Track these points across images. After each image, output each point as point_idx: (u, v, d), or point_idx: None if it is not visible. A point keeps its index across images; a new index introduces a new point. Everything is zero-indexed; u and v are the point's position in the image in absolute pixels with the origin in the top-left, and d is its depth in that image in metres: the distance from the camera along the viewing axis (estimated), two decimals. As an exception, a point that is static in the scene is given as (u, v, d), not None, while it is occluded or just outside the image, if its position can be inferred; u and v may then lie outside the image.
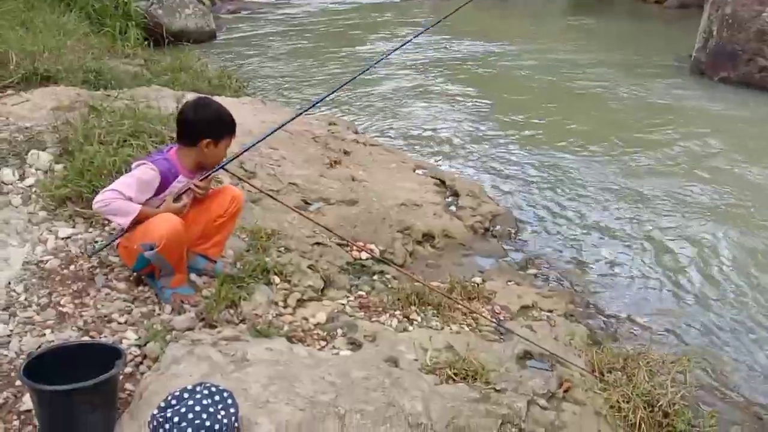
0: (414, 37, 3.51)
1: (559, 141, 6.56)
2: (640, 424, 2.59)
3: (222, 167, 2.85)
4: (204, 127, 2.75)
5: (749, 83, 8.46)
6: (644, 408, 2.63)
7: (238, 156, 2.93)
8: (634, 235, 4.60)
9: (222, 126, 2.78)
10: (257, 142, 3.06)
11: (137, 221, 2.65)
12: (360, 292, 3.41)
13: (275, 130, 3.00)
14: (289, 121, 3.18)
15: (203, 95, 3.46)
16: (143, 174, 2.68)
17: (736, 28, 8.68)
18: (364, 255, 3.78)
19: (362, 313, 3.16)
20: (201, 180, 2.77)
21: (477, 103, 8.08)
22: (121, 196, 2.61)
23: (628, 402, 2.65)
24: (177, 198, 2.75)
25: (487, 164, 5.99)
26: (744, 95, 8.18)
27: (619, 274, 4.11)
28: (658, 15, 15.70)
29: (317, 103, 3.26)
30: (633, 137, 6.67)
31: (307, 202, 4.21)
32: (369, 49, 12.25)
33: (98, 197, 2.63)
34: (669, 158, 6.06)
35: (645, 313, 3.67)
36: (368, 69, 3.26)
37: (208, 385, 2.07)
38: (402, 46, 3.49)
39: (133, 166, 2.79)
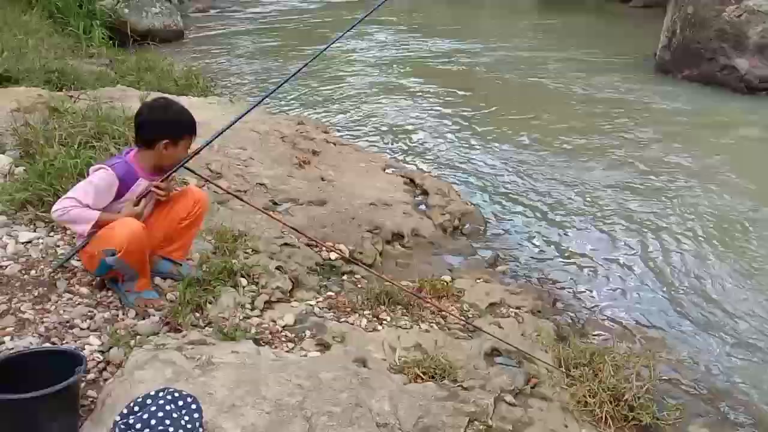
0: (361, 19, 3.47)
1: (525, 138, 6.64)
2: (606, 419, 2.62)
3: (181, 166, 2.80)
4: (160, 127, 2.69)
5: (712, 81, 8.64)
6: (610, 402, 2.67)
7: (196, 153, 2.87)
8: (600, 230, 4.67)
9: (180, 126, 2.72)
10: (214, 137, 2.98)
11: (98, 226, 2.61)
12: (329, 293, 3.40)
13: (233, 123, 2.95)
14: (246, 113, 3.15)
15: (161, 95, 3.40)
16: (101, 179, 2.64)
17: (698, 27, 8.86)
18: (333, 255, 3.77)
19: (331, 314, 3.15)
20: (161, 181, 2.73)
21: (443, 101, 8.12)
22: (79, 203, 2.56)
23: (594, 397, 2.68)
24: (137, 201, 2.71)
25: (455, 162, 6.03)
26: (705, 92, 8.36)
27: (586, 269, 4.16)
28: (624, 14, 15.95)
29: (272, 92, 3.21)
30: (596, 134, 6.79)
31: (275, 203, 4.19)
32: (336, 47, 12.21)
33: (56, 205, 2.59)
34: (632, 154, 6.16)
35: (611, 307, 3.72)
36: (317, 55, 3.28)
37: (171, 390, 2.04)
38: (350, 29, 3.51)
39: (90, 171, 2.74)
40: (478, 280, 3.83)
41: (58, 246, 3.15)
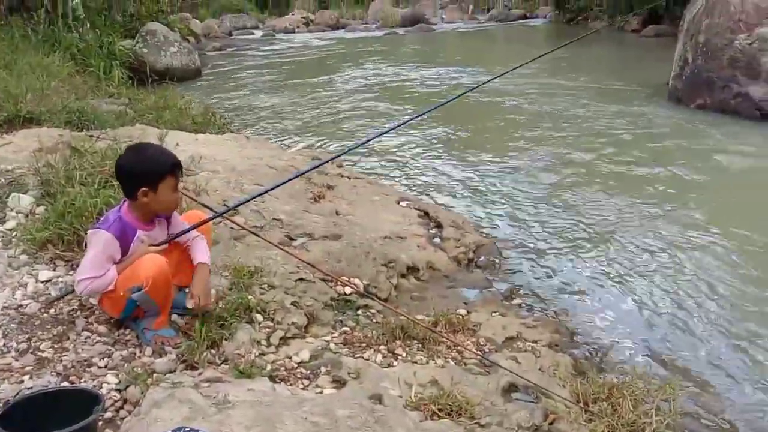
0: (413, 118, 3.56)
1: (539, 169, 6.65)
2: (625, 455, 2.58)
3: (195, 227, 2.89)
4: (134, 178, 2.67)
5: (725, 109, 8.64)
6: (630, 438, 2.62)
7: (237, 206, 2.93)
8: (618, 262, 4.62)
9: (153, 172, 2.65)
10: (267, 191, 3.04)
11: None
12: (344, 328, 3.40)
13: (292, 179, 3.01)
14: (312, 169, 3.21)
15: (136, 142, 3.42)
16: (104, 244, 2.67)
17: (710, 55, 8.89)
18: (348, 290, 3.78)
19: (346, 350, 3.14)
20: (165, 243, 2.80)
21: (456, 132, 8.19)
22: (96, 277, 2.65)
23: (613, 432, 2.64)
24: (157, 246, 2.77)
25: (469, 194, 6.05)
26: (719, 121, 8.35)
27: (604, 301, 4.12)
28: (635, 43, 16.08)
29: (350, 150, 3.31)
30: (611, 164, 6.78)
31: (291, 238, 4.21)
32: (348, 77, 12.44)
33: (76, 289, 2.72)
34: (649, 184, 6.14)
35: (630, 340, 3.67)
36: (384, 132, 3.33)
37: (187, 429, 2.05)
38: (407, 122, 3.58)
39: (89, 234, 2.77)
40: (494, 314, 3.80)
41: (78, 284, 3.19)
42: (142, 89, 9.06)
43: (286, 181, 3.05)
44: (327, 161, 4.54)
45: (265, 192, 2.94)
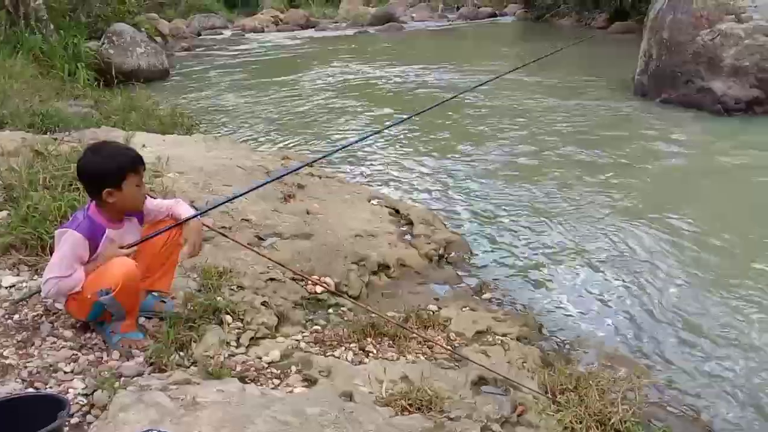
0: (398, 122, 3.57)
1: (507, 165, 6.73)
2: (593, 444, 2.62)
3: (175, 226, 2.84)
4: (94, 178, 2.64)
5: (689, 104, 8.81)
6: (596, 427, 2.67)
7: (206, 211, 2.89)
8: (584, 257, 4.70)
9: (114, 169, 2.61)
10: (238, 196, 3.01)
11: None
12: (315, 327, 3.41)
13: (269, 182, 3.00)
14: (292, 171, 3.19)
15: (94, 142, 3.36)
16: (72, 244, 2.63)
17: (674, 51, 9.06)
18: (319, 289, 3.78)
19: (317, 348, 3.15)
20: (129, 247, 2.74)
21: (424, 131, 8.23)
22: (62, 277, 2.61)
23: (580, 422, 2.68)
24: (127, 248, 2.73)
25: (439, 191, 6.09)
26: (682, 115, 8.52)
27: (572, 295, 4.18)
28: (602, 40, 16.30)
29: (328, 155, 3.30)
30: (578, 159, 6.88)
31: (260, 238, 4.20)
32: (317, 76, 12.43)
33: (43, 289, 2.67)
34: (615, 178, 6.25)
35: (597, 332, 3.74)
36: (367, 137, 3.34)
37: (154, 431, 2.03)
38: (394, 125, 3.60)
39: (57, 235, 2.71)
40: (464, 309, 3.84)
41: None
42: (109, 91, 8.93)
43: (262, 185, 3.03)
44: (304, 165, 4.53)
45: (250, 191, 2.93)
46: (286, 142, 7.93)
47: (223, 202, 3.55)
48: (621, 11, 19.03)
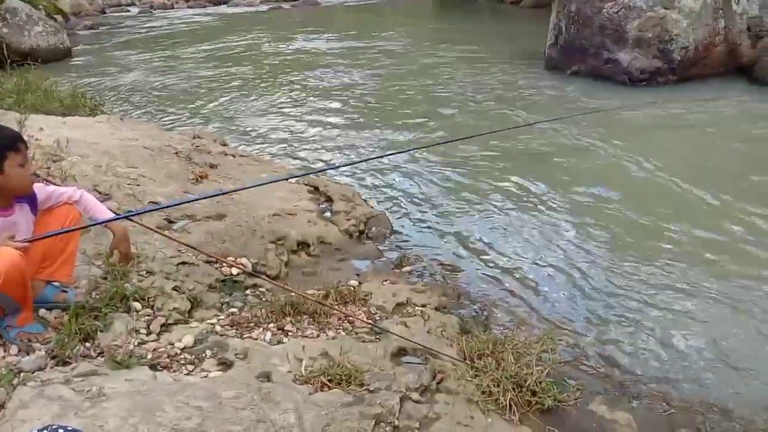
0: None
1: (423, 139, 6.75)
2: (510, 406, 2.68)
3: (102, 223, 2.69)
4: None
5: (598, 75, 9.11)
6: (513, 390, 2.73)
7: (151, 210, 2.73)
8: (502, 227, 4.80)
9: None
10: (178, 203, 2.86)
11: None
12: (232, 309, 3.31)
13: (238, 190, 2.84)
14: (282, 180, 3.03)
15: None
16: None
17: (582, 24, 9.33)
18: (235, 270, 3.67)
19: (233, 331, 3.06)
20: (27, 241, 2.55)
21: (341, 108, 8.16)
22: None
23: (498, 385, 2.74)
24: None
25: (358, 168, 6.05)
26: (592, 86, 8.81)
27: (489, 264, 4.26)
28: (515, 14, 16.62)
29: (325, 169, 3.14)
30: (490, 129, 6.97)
31: (170, 221, 4.04)
32: (227, 52, 12.12)
33: None
34: (529, 146, 6.40)
35: (512, 298, 3.82)
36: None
37: (54, 426, 1.90)
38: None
39: None
40: (384, 282, 3.84)
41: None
42: (2, 72, 8.31)
43: (261, 185, 2.88)
44: (307, 174, 4.35)
45: (223, 194, 2.78)
46: (196, 121, 7.66)
47: (146, 211, 3.38)
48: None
